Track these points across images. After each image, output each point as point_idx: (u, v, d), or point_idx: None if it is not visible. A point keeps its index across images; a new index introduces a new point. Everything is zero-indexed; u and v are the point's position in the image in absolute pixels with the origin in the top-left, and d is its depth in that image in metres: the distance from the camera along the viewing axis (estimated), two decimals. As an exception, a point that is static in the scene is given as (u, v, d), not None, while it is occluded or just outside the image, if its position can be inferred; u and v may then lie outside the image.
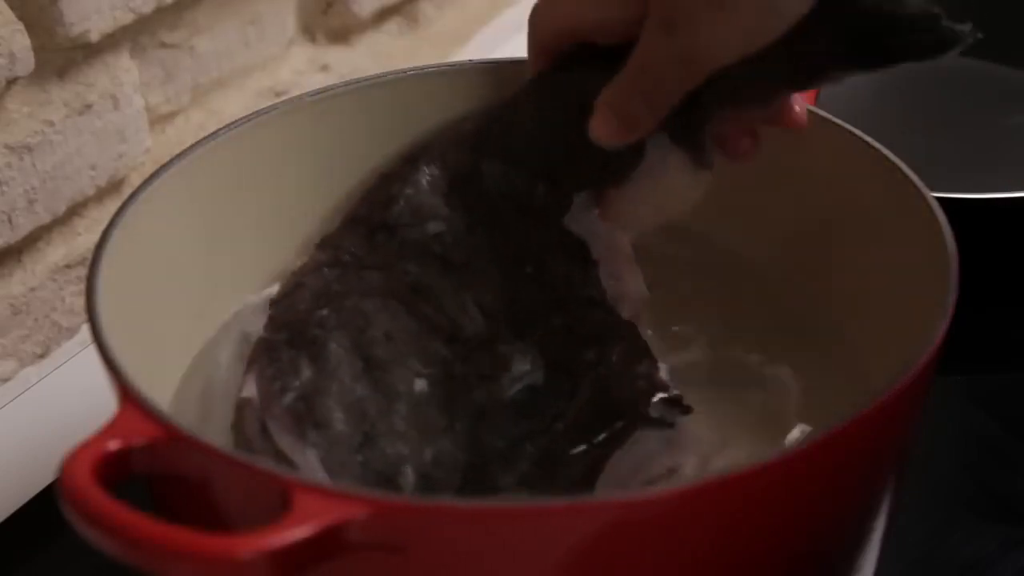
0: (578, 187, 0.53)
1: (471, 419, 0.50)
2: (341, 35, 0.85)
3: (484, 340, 0.51)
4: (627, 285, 0.53)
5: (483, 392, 0.50)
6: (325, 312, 0.51)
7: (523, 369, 0.51)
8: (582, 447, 0.49)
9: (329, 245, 0.55)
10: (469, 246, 0.53)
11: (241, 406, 0.50)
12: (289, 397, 0.49)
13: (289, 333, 0.51)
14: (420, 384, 0.50)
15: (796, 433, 0.50)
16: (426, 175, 0.54)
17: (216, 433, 0.50)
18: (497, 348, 0.51)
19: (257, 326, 0.53)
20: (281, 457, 0.48)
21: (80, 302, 0.67)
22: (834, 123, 0.54)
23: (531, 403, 0.50)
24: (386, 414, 0.49)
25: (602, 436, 0.49)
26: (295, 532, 0.37)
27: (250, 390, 0.50)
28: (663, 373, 0.50)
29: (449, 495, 0.47)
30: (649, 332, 0.53)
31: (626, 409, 0.49)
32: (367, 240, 0.54)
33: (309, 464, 0.47)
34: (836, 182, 0.55)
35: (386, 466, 0.48)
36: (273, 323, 0.52)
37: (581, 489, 0.47)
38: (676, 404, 0.49)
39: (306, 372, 0.50)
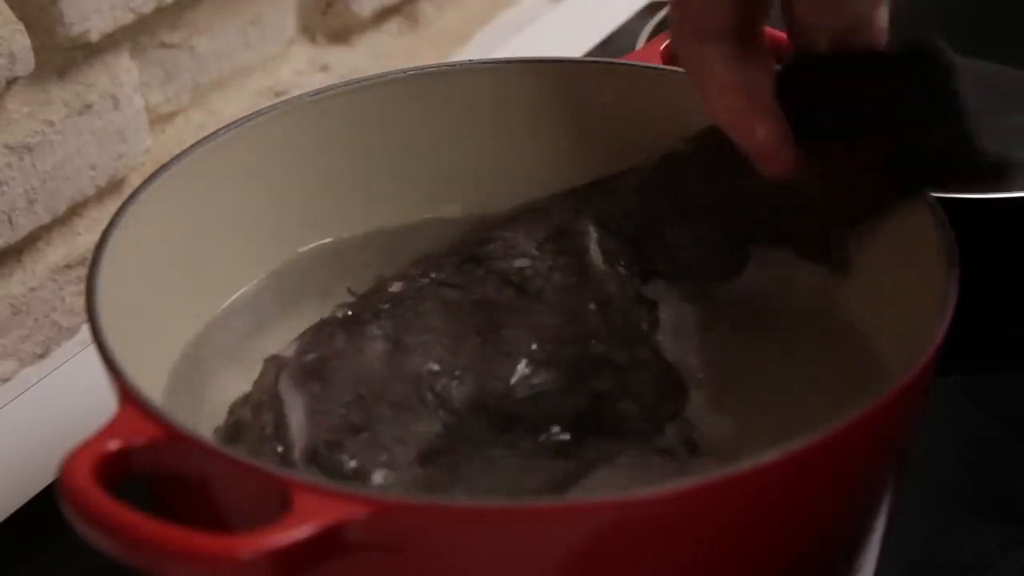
0: (666, 276, 0.55)
1: (467, 407, 0.50)
2: (341, 35, 0.85)
3: (518, 350, 0.52)
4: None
5: (491, 388, 0.51)
6: (386, 306, 0.54)
7: (541, 380, 0.51)
8: (561, 454, 0.49)
9: (422, 262, 0.57)
10: (546, 280, 0.55)
11: (269, 360, 0.52)
12: (310, 357, 0.52)
13: (345, 316, 0.54)
14: (432, 367, 0.51)
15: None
16: (525, 223, 0.57)
17: (207, 430, 0.51)
18: (526, 360, 0.52)
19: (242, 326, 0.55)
20: (275, 400, 0.50)
21: (80, 302, 0.67)
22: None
23: (533, 405, 0.50)
24: (387, 386, 0.50)
25: (586, 450, 0.49)
26: (295, 532, 0.37)
27: (288, 351, 0.53)
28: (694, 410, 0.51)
29: (406, 467, 0.48)
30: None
31: (628, 431, 0.49)
32: (456, 267, 0.56)
33: (294, 407, 0.49)
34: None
35: (362, 421, 0.49)
36: (342, 308, 0.55)
37: (540, 494, 0.47)
38: (687, 442, 0.49)
39: (337, 344, 0.52)
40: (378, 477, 0.47)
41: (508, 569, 0.40)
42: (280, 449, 0.48)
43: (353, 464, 0.48)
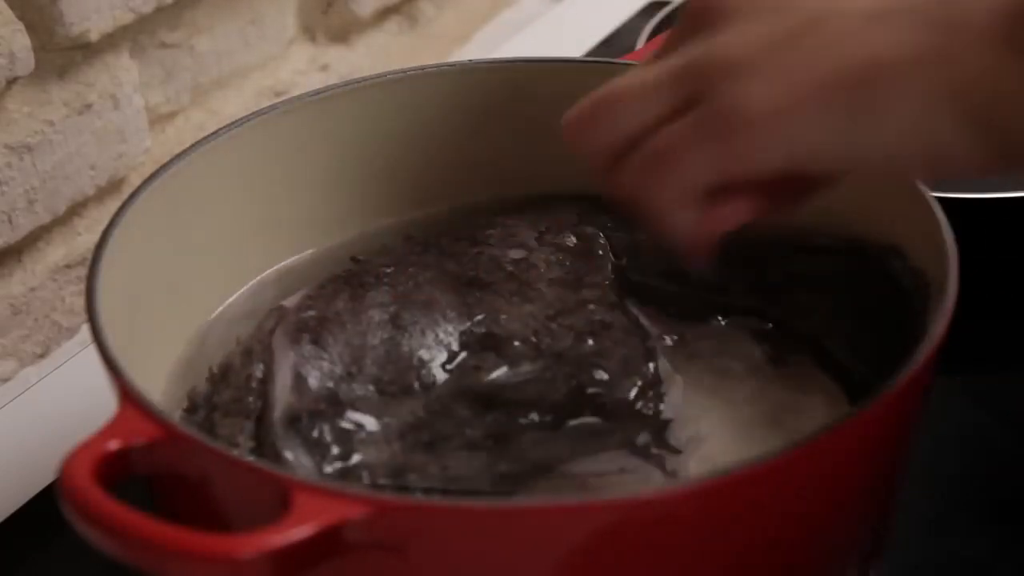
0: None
1: (451, 391, 0.51)
2: (341, 35, 0.85)
3: (507, 337, 0.53)
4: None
5: (478, 374, 0.51)
6: (390, 270, 0.55)
7: (529, 369, 0.52)
8: (537, 442, 0.49)
9: (422, 239, 0.58)
10: (541, 272, 0.56)
11: (274, 310, 0.54)
12: (310, 313, 0.53)
13: (352, 274, 0.55)
14: (424, 355, 0.52)
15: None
16: (530, 215, 0.58)
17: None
18: (513, 347, 0.52)
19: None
20: (267, 351, 0.51)
21: (80, 302, 0.68)
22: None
23: (516, 391, 0.51)
24: (379, 366, 0.51)
25: (562, 441, 0.49)
26: (295, 532, 0.37)
27: (291, 301, 0.54)
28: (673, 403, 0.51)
29: (384, 446, 0.48)
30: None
31: (605, 427, 0.50)
32: (455, 241, 0.57)
33: (283, 365, 0.50)
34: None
35: (347, 397, 0.50)
36: (351, 267, 0.57)
37: (512, 480, 0.48)
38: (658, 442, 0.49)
39: (339, 304, 0.53)
40: (356, 455, 0.48)
41: (508, 569, 0.40)
42: (259, 405, 0.49)
43: (332, 438, 0.48)
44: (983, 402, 0.62)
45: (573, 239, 0.57)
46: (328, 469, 0.47)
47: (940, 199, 0.49)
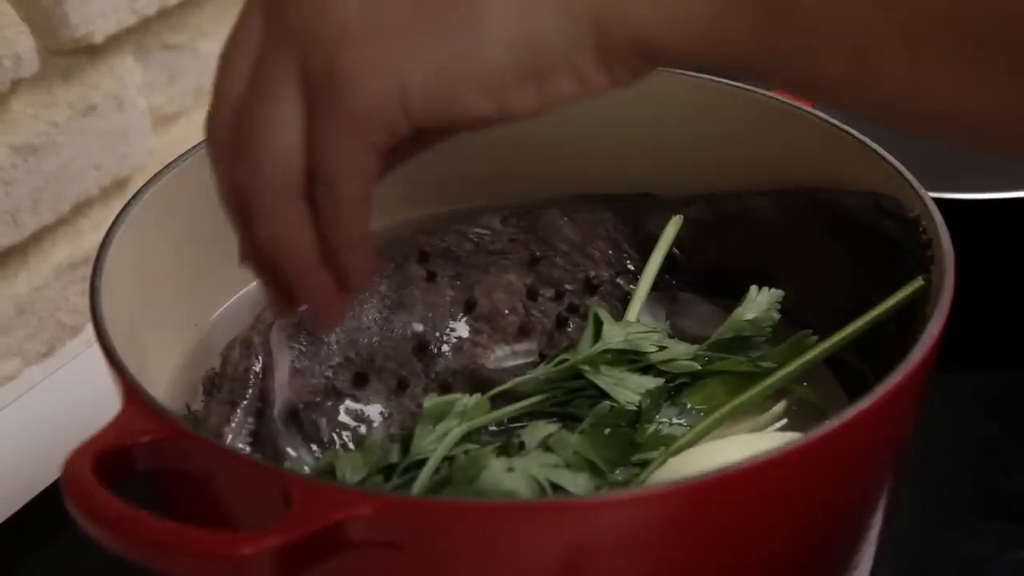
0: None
1: (450, 373, 0.52)
2: (344, 36, 0.85)
3: (496, 307, 0.54)
4: None
5: (476, 354, 0.53)
6: (392, 265, 0.56)
7: (525, 348, 0.53)
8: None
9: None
10: (506, 243, 0.57)
11: None
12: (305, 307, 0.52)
13: None
14: (418, 327, 0.53)
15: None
16: (497, 208, 0.59)
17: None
18: (505, 317, 0.54)
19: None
20: (265, 345, 0.51)
21: (84, 301, 0.68)
22: (833, 124, 0.54)
23: (514, 374, 0.52)
24: (376, 346, 0.52)
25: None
26: (296, 530, 0.38)
27: None
28: None
29: (385, 438, 0.49)
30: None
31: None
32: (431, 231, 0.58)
33: (280, 363, 0.50)
34: (836, 183, 0.55)
35: (345, 386, 0.50)
36: None
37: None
38: None
39: None
40: (353, 447, 0.48)
41: (509, 566, 0.41)
42: (253, 398, 0.49)
43: (330, 430, 0.48)
44: (982, 401, 0.62)
45: (540, 223, 0.58)
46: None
47: (938, 199, 0.50)
